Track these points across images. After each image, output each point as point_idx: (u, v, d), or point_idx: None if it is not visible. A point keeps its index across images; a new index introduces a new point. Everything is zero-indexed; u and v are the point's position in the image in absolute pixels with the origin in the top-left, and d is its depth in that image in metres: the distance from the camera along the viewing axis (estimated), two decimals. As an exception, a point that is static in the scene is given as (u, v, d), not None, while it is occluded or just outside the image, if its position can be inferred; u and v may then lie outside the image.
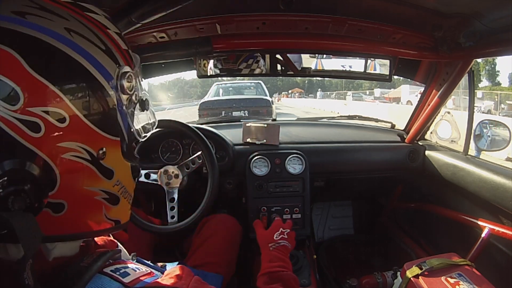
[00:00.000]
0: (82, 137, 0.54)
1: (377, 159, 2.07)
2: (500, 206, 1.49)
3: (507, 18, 1.23)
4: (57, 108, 0.50)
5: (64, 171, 0.52)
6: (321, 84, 45.00)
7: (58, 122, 0.51)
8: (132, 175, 0.68)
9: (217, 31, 1.50)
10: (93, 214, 0.60)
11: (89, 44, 0.55)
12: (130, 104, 0.65)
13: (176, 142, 1.88)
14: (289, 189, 1.82)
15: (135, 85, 0.65)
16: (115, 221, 0.65)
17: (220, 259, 1.44)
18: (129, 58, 0.65)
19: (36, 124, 0.48)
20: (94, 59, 0.56)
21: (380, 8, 1.40)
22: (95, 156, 0.56)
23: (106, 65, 0.58)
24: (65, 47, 0.52)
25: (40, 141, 0.49)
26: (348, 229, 2.74)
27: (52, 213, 0.53)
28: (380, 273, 1.78)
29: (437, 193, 2.04)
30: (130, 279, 0.56)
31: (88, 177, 0.57)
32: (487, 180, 1.56)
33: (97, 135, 0.57)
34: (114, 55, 0.60)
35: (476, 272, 1.26)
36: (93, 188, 0.58)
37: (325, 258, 2.31)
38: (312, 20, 1.45)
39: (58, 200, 0.53)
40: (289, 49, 1.68)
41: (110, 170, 0.60)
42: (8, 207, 0.47)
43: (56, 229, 0.55)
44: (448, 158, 1.86)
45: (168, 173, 1.56)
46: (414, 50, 1.58)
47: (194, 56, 1.65)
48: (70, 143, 0.52)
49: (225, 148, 1.83)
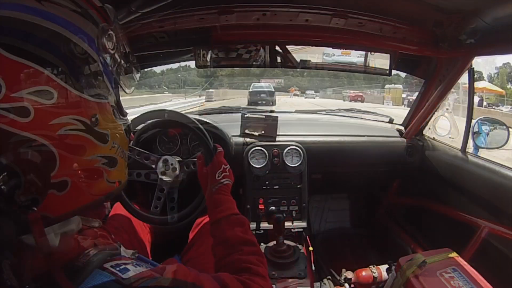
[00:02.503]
0: (72, 108, 0.52)
1: (375, 154, 2.07)
2: (497, 204, 1.50)
3: (509, 17, 1.22)
4: (42, 86, 0.48)
5: (62, 147, 0.51)
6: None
7: (46, 100, 0.49)
8: (124, 132, 0.67)
9: (217, 22, 1.48)
10: (96, 182, 0.59)
11: (62, 10, 0.52)
12: (114, 61, 0.63)
13: (174, 132, 1.88)
14: (286, 181, 1.83)
15: (116, 41, 0.62)
16: (116, 182, 0.64)
17: None
18: (105, 14, 0.63)
19: (24, 108, 0.46)
20: (71, 25, 0.53)
21: (381, 3, 1.39)
22: (89, 124, 0.55)
23: (85, 28, 0.56)
24: (38, 18, 0.49)
25: (32, 124, 0.47)
26: (345, 222, 2.75)
27: (57, 193, 0.51)
28: (376, 266, 1.80)
29: (434, 189, 2.04)
30: (130, 275, 0.54)
31: (86, 147, 0.55)
32: (484, 178, 1.56)
33: (87, 102, 0.55)
34: (91, 15, 0.58)
35: (471, 268, 1.27)
36: (92, 156, 0.57)
37: (321, 251, 2.33)
38: (313, 12, 1.44)
39: (60, 178, 0.52)
40: (289, 41, 1.67)
41: (105, 134, 0.59)
42: (16, 201, 0.46)
43: (64, 207, 0.54)
44: (446, 154, 1.87)
45: (167, 163, 1.55)
46: (415, 45, 1.58)
47: (193, 46, 1.64)
48: (62, 118, 0.51)
49: (223, 139, 1.82)
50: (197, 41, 1.57)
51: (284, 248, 1.57)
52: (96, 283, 0.51)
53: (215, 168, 1.19)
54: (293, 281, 1.47)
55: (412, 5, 1.35)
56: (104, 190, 0.61)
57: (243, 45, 1.67)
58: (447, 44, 1.51)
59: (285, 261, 1.54)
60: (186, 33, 1.52)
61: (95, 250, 0.58)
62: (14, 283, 0.44)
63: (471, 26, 1.37)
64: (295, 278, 1.48)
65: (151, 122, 1.59)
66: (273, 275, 1.48)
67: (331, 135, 2.07)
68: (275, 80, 34.63)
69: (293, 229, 1.78)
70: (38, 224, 0.47)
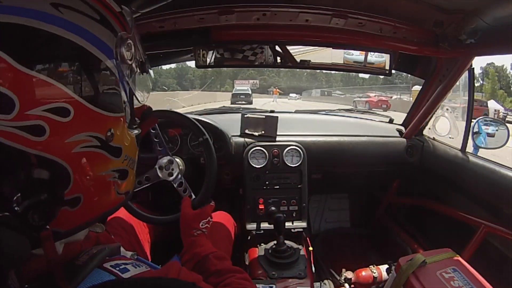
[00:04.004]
0: (89, 125, 0.50)
1: (375, 153, 2.08)
2: (497, 204, 1.50)
3: (509, 17, 1.22)
4: (58, 103, 0.45)
5: (76, 165, 0.48)
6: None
7: (62, 117, 0.45)
8: (136, 143, 0.65)
9: (217, 22, 1.48)
10: (107, 195, 0.57)
11: (81, 18, 0.49)
12: (131, 72, 0.61)
13: (174, 132, 1.88)
14: (286, 181, 1.83)
15: (134, 51, 0.60)
16: (125, 193, 0.63)
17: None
18: (124, 21, 0.60)
19: (39, 126, 0.43)
20: (89, 34, 0.49)
21: (381, 3, 1.39)
22: (104, 140, 0.53)
23: (103, 38, 0.52)
24: (55, 27, 0.45)
25: (47, 143, 0.44)
26: (345, 222, 2.75)
27: (70, 209, 0.49)
28: (376, 266, 1.80)
29: (434, 189, 2.05)
30: (129, 275, 0.53)
31: (100, 162, 0.53)
32: (484, 178, 1.56)
33: (103, 117, 0.52)
34: (110, 23, 0.55)
35: (470, 268, 1.27)
36: (105, 171, 0.55)
37: (321, 251, 2.33)
38: (313, 12, 1.44)
39: (74, 195, 0.49)
40: (289, 41, 1.67)
41: (119, 148, 0.57)
42: (30, 222, 0.44)
43: (75, 221, 0.52)
44: (446, 154, 1.87)
45: (172, 164, 1.53)
46: (415, 45, 1.57)
47: (193, 46, 1.64)
48: (78, 135, 0.48)
49: (223, 139, 1.83)
50: (197, 41, 1.56)
51: (284, 248, 1.57)
52: (96, 283, 0.50)
53: (202, 217, 1.25)
54: (293, 281, 1.47)
55: (412, 5, 1.35)
56: (114, 203, 0.60)
57: (249, 46, 1.68)
58: (447, 44, 1.50)
59: (285, 261, 1.54)
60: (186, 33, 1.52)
61: (95, 249, 0.57)
62: (16, 285, 0.43)
63: (471, 26, 1.37)
64: (295, 278, 1.48)
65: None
66: (273, 275, 1.49)
67: (331, 135, 2.07)
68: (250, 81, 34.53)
69: (293, 229, 1.78)
70: (49, 241, 0.47)
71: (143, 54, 0.69)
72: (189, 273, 0.65)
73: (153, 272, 0.59)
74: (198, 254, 1.08)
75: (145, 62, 0.68)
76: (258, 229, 1.74)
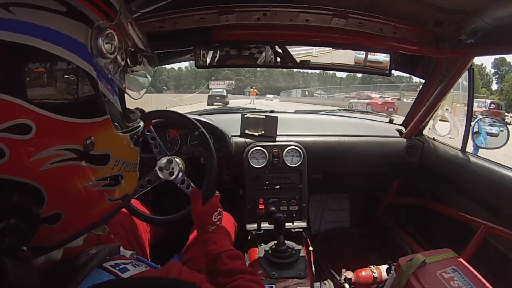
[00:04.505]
0: (58, 138, 0.44)
1: (374, 153, 2.08)
2: (497, 204, 1.50)
3: (509, 17, 1.22)
4: (15, 120, 0.40)
5: (48, 183, 0.44)
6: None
7: (22, 135, 0.40)
8: (132, 143, 0.60)
9: (218, 22, 1.48)
10: (95, 205, 0.54)
11: (40, 14, 0.43)
12: (116, 65, 0.54)
13: (174, 133, 1.88)
14: (286, 181, 1.83)
15: (118, 42, 0.53)
16: (122, 198, 0.60)
17: None
18: (106, 8, 0.52)
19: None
20: (50, 32, 0.43)
21: (381, 3, 1.39)
22: (82, 150, 0.47)
23: (70, 32, 0.45)
24: (5, 33, 0.39)
25: (9, 165, 0.40)
26: (345, 222, 2.75)
27: (49, 225, 0.46)
28: (376, 266, 1.80)
29: (434, 189, 2.05)
30: (129, 275, 0.52)
31: (80, 175, 0.48)
32: (484, 178, 1.56)
33: (76, 126, 0.46)
34: (82, 13, 0.47)
35: (470, 268, 1.27)
36: (88, 183, 0.50)
37: (321, 251, 2.33)
38: (313, 12, 1.44)
39: (51, 212, 0.46)
40: (290, 41, 1.67)
41: (105, 155, 0.52)
42: (6, 244, 0.40)
43: (59, 236, 0.50)
44: (446, 154, 1.87)
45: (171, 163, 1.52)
46: (415, 45, 1.57)
47: (193, 46, 1.64)
48: (45, 151, 0.43)
49: (223, 139, 1.83)
50: (197, 41, 1.56)
51: (284, 248, 1.57)
52: (96, 282, 0.49)
53: (212, 210, 1.22)
54: (293, 281, 1.46)
55: (412, 5, 1.35)
56: (106, 210, 0.57)
57: (255, 45, 1.68)
58: (447, 44, 1.50)
59: (285, 261, 1.54)
60: (186, 33, 1.52)
61: (95, 249, 0.56)
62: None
63: (471, 26, 1.37)
64: (295, 278, 1.48)
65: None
66: (273, 275, 1.48)
67: (331, 135, 2.07)
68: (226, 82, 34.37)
69: (293, 229, 1.78)
70: (31, 260, 0.45)
71: (139, 41, 0.63)
72: (191, 273, 0.64)
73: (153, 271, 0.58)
74: (211, 252, 1.06)
75: (137, 52, 0.60)
76: (258, 229, 1.74)
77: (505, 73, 22.63)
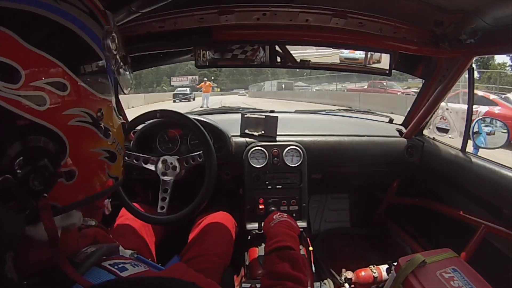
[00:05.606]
0: (82, 101, 0.54)
1: (374, 153, 2.08)
2: (497, 204, 1.50)
3: (509, 17, 1.22)
4: (58, 78, 0.50)
5: (72, 138, 0.52)
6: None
7: (60, 91, 0.51)
8: (122, 130, 0.69)
9: (217, 22, 1.48)
10: (99, 174, 0.61)
11: (74, 9, 0.55)
12: (116, 62, 0.65)
13: (174, 133, 1.88)
14: (286, 181, 1.83)
15: (117, 44, 0.65)
16: (115, 177, 0.65)
17: (216, 251, 1.45)
18: (108, 18, 0.65)
19: (40, 97, 0.48)
20: (82, 23, 0.56)
21: (381, 3, 1.39)
22: (95, 117, 0.57)
23: (93, 28, 0.58)
24: (55, 16, 0.51)
25: (47, 113, 0.49)
26: (345, 222, 2.75)
27: (65, 182, 0.53)
28: (376, 266, 1.80)
29: (434, 189, 2.05)
30: (127, 274, 0.55)
31: (92, 139, 0.57)
32: (484, 178, 1.56)
33: (94, 97, 0.57)
34: (97, 17, 0.60)
35: (470, 268, 1.27)
36: (96, 149, 0.59)
37: (321, 251, 2.33)
38: (313, 12, 1.44)
39: (69, 168, 0.53)
40: (289, 41, 1.67)
41: (108, 129, 0.61)
42: (30, 186, 0.47)
43: (71, 197, 0.55)
44: (446, 154, 1.87)
45: (166, 163, 1.55)
46: (415, 45, 1.57)
47: (193, 46, 1.64)
48: (73, 109, 0.52)
49: (223, 139, 1.83)
50: (197, 41, 1.56)
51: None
52: (94, 280, 0.51)
53: (272, 214, 1.34)
54: None
55: (412, 5, 1.35)
56: (106, 184, 0.62)
57: (238, 45, 1.68)
58: (447, 43, 1.50)
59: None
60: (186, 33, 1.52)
61: (93, 248, 0.59)
62: (14, 277, 0.44)
63: (471, 26, 1.37)
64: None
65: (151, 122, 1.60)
66: None
67: (331, 135, 2.07)
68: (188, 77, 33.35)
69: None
70: (47, 211, 0.49)
71: (124, 52, 0.73)
72: (195, 275, 0.66)
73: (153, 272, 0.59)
74: (266, 247, 1.13)
75: (127, 57, 0.72)
76: (259, 229, 1.74)
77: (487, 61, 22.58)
